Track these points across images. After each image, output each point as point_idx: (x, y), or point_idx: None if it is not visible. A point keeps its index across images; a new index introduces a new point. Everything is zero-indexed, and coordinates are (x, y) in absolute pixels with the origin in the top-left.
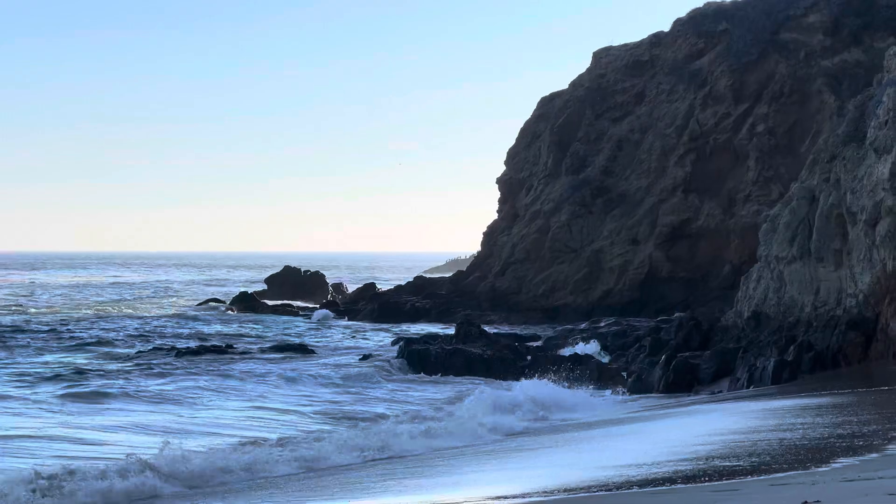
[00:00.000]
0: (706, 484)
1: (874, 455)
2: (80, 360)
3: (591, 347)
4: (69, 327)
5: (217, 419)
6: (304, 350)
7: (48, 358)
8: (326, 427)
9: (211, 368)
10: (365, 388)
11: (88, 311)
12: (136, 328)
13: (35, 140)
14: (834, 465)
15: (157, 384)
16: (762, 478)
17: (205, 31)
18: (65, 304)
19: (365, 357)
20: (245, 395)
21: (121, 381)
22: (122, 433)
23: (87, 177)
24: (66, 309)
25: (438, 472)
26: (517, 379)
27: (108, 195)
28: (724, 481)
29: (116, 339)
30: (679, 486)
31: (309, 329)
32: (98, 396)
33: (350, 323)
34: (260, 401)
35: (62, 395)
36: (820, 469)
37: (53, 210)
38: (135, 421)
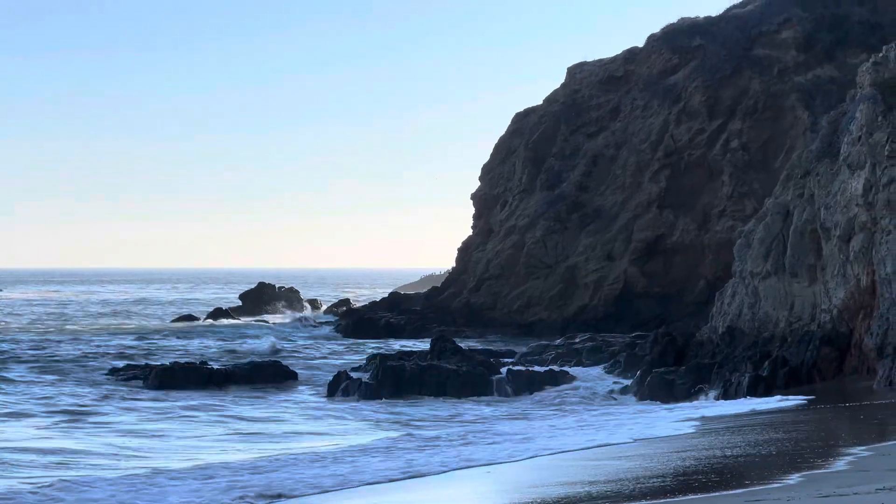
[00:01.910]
0: (681, 499)
1: (823, 471)
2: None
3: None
4: (31, 346)
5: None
6: (283, 373)
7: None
8: None
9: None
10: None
11: (60, 329)
12: (109, 346)
13: (11, 155)
14: (788, 481)
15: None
16: (737, 491)
17: (195, 47)
18: (34, 321)
19: (336, 380)
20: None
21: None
22: None
23: (64, 193)
24: (34, 326)
25: None
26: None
27: (82, 211)
28: (700, 496)
29: (91, 358)
30: (653, 500)
31: (282, 347)
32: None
33: (326, 341)
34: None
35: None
36: (773, 485)
37: (28, 226)
38: None
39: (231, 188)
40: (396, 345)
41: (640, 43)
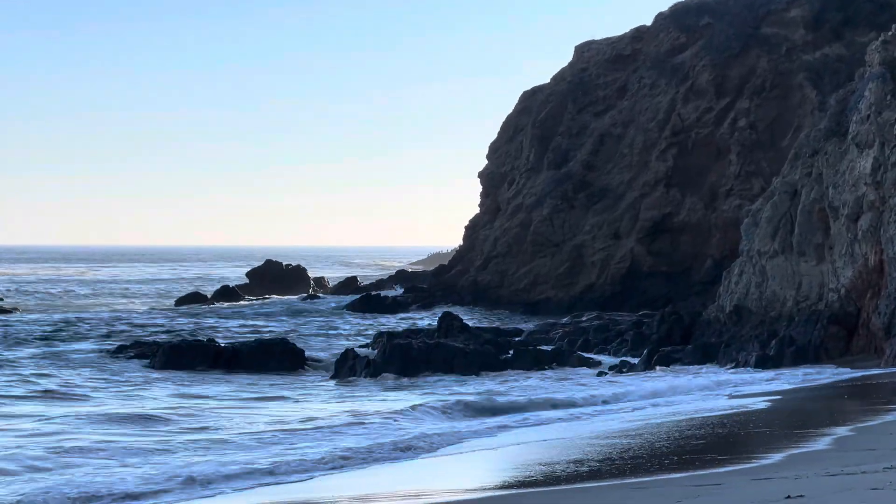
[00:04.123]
0: (688, 474)
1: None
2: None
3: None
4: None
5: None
6: (291, 351)
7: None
8: None
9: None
10: None
11: (66, 307)
12: (115, 324)
13: (11, 132)
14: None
15: None
16: (743, 467)
17: (192, 23)
18: (42, 299)
19: (343, 359)
20: None
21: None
22: None
23: (66, 169)
24: (43, 305)
25: None
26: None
27: (85, 187)
28: (707, 471)
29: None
30: (660, 476)
31: (289, 326)
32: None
33: (332, 318)
34: None
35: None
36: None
37: (30, 203)
38: None
39: (234, 164)
40: (393, 319)
41: (648, 21)
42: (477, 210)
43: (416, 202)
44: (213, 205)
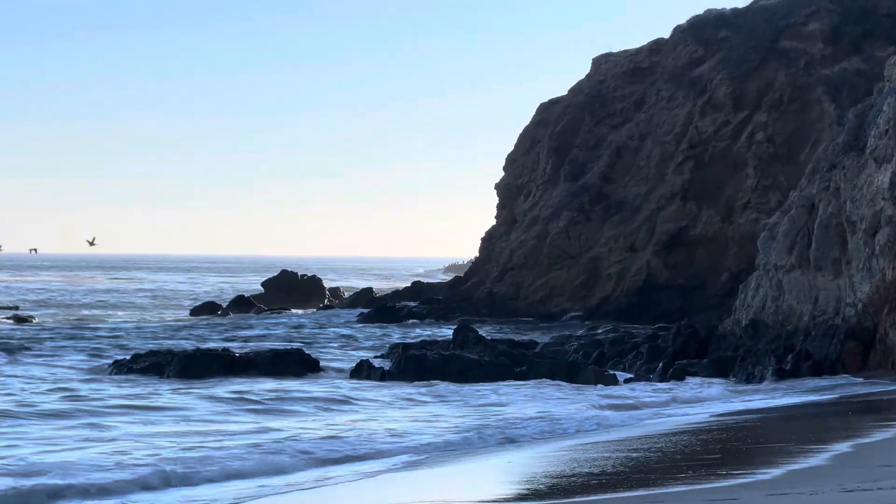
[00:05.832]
0: (702, 487)
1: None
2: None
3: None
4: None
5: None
6: (305, 361)
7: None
8: None
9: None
10: None
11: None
12: (129, 333)
13: (19, 135)
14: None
15: None
16: (758, 480)
17: (195, 32)
18: (56, 308)
19: (358, 368)
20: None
21: None
22: None
23: (76, 174)
24: (57, 314)
25: None
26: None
27: (97, 194)
28: (721, 484)
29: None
30: (673, 489)
31: (304, 336)
32: None
33: (347, 329)
34: None
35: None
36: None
37: (39, 209)
38: None
39: (248, 173)
40: (408, 330)
41: (666, 34)
42: (493, 221)
43: (431, 213)
44: (227, 214)
